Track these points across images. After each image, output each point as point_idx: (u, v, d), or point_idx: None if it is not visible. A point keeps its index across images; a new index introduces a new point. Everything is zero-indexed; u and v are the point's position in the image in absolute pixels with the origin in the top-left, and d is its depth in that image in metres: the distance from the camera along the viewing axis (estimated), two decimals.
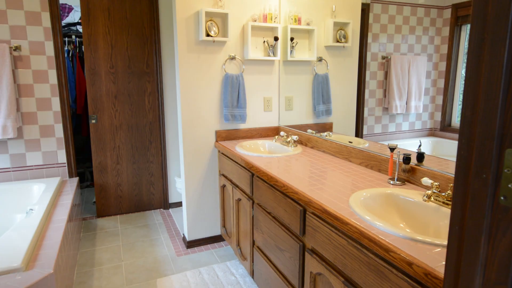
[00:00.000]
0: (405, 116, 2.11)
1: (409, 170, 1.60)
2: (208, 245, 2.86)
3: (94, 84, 3.23)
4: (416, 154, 1.63)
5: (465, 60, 1.75)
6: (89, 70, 3.20)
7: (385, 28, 2.13)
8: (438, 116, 1.89)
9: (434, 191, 1.32)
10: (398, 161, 1.62)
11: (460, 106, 1.75)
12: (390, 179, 1.64)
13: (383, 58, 2.18)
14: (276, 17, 2.71)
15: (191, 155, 2.68)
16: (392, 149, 1.63)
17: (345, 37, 2.47)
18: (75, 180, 3.20)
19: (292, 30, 2.66)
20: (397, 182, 1.61)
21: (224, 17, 2.56)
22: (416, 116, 2.04)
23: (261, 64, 2.78)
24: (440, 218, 1.30)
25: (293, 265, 1.65)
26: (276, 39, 2.67)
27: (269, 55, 2.72)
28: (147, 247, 2.84)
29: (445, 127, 1.85)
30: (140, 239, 2.98)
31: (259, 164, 2.01)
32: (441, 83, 1.85)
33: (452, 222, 0.79)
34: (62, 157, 3.17)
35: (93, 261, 2.62)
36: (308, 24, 2.65)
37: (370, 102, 2.24)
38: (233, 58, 2.66)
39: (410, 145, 1.94)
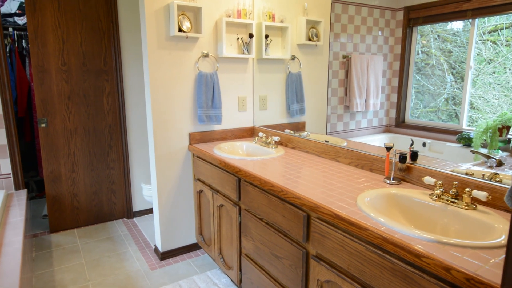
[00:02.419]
0: (364, 113, 2.15)
1: (405, 169, 1.61)
2: (184, 255, 2.67)
3: (43, 83, 2.86)
4: (410, 153, 1.64)
5: (417, 60, 1.83)
6: (37, 68, 2.82)
7: (345, 28, 2.15)
8: (393, 113, 1.95)
9: (441, 190, 1.33)
10: (395, 160, 1.62)
11: (413, 103, 1.84)
12: (386, 178, 1.64)
13: (344, 57, 2.20)
14: (250, 13, 2.60)
15: (163, 160, 2.48)
16: (388, 149, 1.63)
17: (317, 35, 2.45)
18: (23, 192, 2.81)
19: (266, 27, 2.58)
20: (393, 181, 1.61)
21: (196, 11, 2.40)
22: (373, 114, 2.10)
23: (235, 62, 2.66)
24: (448, 217, 1.30)
25: (294, 273, 1.58)
26: (251, 36, 2.57)
27: (243, 53, 2.61)
28: (115, 263, 2.58)
29: (399, 123, 1.92)
30: (105, 254, 2.70)
31: (247, 167, 1.90)
32: (395, 81, 1.91)
33: None
34: (6, 167, 2.76)
35: (53, 283, 2.31)
36: (282, 21, 2.59)
37: (332, 101, 2.25)
38: (206, 55, 2.51)
39: (369, 142, 2.00)
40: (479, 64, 1.51)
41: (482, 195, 1.23)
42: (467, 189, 1.28)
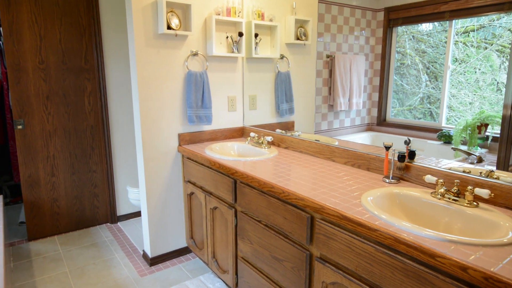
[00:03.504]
0: (347, 112, 2.17)
1: (404, 168, 1.62)
2: (174, 259, 2.60)
3: (19, 82, 2.69)
4: (408, 152, 1.65)
5: (397, 60, 1.87)
6: (12, 66, 2.65)
7: (328, 27, 2.16)
8: (374, 112, 1.98)
9: (444, 188, 1.34)
10: (393, 159, 1.63)
11: (393, 102, 1.88)
12: (385, 177, 1.64)
13: (328, 56, 2.21)
14: (240, 12, 2.56)
15: (152, 162, 2.39)
16: (387, 148, 1.64)
17: (305, 34, 2.44)
18: None
19: (256, 26, 2.55)
20: (392, 180, 1.61)
21: (186, 8, 2.32)
22: (356, 112, 2.12)
23: (224, 61, 2.60)
24: (451, 215, 1.32)
25: (297, 276, 1.55)
26: (240, 34, 2.52)
27: (233, 52, 2.57)
28: (101, 271, 2.46)
29: (381, 121, 1.95)
30: (90, 262, 2.58)
31: (242, 168, 1.86)
32: (376, 81, 1.94)
33: None
34: None
35: None
36: (271, 20, 2.56)
37: (317, 100, 2.26)
38: (195, 54, 2.44)
39: (353, 140, 2.03)
40: (452, 64, 1.55)
41: (484, 192, 1.25)
42: (469, 187, 1.29)
